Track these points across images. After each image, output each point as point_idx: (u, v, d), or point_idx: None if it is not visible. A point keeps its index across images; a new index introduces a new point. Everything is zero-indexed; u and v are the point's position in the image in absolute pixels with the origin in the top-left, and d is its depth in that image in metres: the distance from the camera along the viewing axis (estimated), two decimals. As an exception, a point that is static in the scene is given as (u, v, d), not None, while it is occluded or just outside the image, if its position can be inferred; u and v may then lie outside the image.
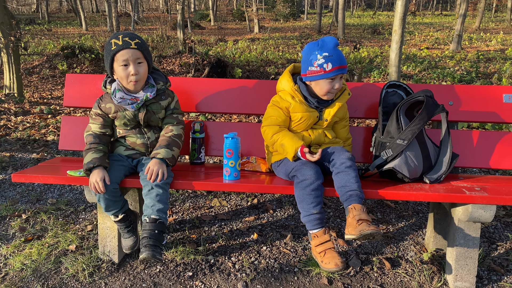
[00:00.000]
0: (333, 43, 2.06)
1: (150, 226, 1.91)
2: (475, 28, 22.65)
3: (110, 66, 2.07)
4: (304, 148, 2.01)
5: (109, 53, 2.03)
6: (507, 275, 2.26)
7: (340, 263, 1.87)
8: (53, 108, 5.84)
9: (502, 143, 2.33)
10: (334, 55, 2.04)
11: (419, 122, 2.07)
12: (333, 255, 1.91)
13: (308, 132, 2.20)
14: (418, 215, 2.98)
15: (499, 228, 2.78)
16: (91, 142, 2.09)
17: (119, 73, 2.06)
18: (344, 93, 2.20)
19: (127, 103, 2.10)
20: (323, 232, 1.97)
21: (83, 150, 2.11)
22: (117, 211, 2.09)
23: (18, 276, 2.21)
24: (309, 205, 1.95)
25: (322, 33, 20.98)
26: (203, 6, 43.38)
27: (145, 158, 2.17)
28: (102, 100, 2.18)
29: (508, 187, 2.08)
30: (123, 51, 2.01)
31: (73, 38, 17.54)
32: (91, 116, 2.20)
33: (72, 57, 10.81)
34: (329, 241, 1.96)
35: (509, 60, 11.46)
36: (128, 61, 2.03)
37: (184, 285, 2.17)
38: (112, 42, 2.03)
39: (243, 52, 13.36)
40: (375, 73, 9.78)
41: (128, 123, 2.16)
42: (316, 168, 2.02)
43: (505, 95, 2.37)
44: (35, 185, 3.43)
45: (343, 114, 2.28)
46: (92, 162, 1.97)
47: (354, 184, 1.91)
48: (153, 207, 1.93)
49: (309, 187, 1.94)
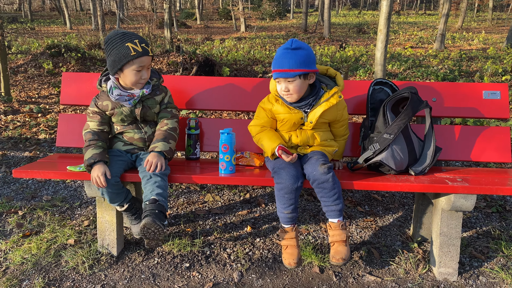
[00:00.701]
0: (285, 45, 2.08)
1: (150, 206, 1.95)
2: (457, 27, 23.08)
3: (120, 68, 2.09)
4: (279, 150, 2.12)
5: (126, 57, 2.05)
6: (487, 261, 2.39)
7: (293, 263, 2.03)
8: (43, 107, 5.84)
9: (482, 137, 2.47)
10: (276, 58, 2.09)
11: (405, 117, 2.18)
12: (292, 252, 2.06)
13: (296, 133, 2.27)
14: (404, 207, 3.11)
15: (480, 219, 2.92)
16: (90, 139, 2.15)
17: (130, 76, 2.11)
18: (333, 97, 2.17)
19: (124, 99, 2.18)
20: (291, 229, 2.11)
21: (83, 147, 2.17)
22: (121, 201, 2.20)
23: (19, 269, 2.27)
24: (282, 206, 2.08)
25: (308, 32, 21.14)
26: (189, 4, 43.24)
27: (143, 153, 2.25)
28: (98, 98, 2.25)
29: (487, 178, 2.21)
30: (142, 58, 2.08)
31: (58, 37, 17.36)
32: (88, 115, 2.26)
33: (57, 56, 10.74)
34: (293, 238, 2.09)
35: (490, 59, 11.75)
36: (143, 68, 2.11)
37: (182, 275, 2.25)
38: (129, 46, 2.04)
39: (230, 51, 13.42)
40: (361, 72, 9.94)
41: (125, 119, 2.23)
42: (294, 171, 2.07)
43: (485, 91, 2.50)
44: (29, 182, 3.47)
45: (334, 117, 2.26)
46: (92, 158, 2.04)
47: (328, 199, 2.04)
48: (152, 192, 2.01)
49: (283, 191, 2.04)
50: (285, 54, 2.06)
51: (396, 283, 2.21)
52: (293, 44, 2.06)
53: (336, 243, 2.04)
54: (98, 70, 9.80)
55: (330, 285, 2.18)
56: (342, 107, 2.28)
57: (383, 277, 2.26)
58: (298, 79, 2.08)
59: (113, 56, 2.07)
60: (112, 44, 2.07)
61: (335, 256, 2.00)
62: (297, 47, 2.05)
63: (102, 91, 2.26)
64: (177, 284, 2.17)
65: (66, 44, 11.18)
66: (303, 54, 2.06)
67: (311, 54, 2.09)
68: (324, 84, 2.26)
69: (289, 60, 2.04)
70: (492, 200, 3.19)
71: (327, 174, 2.01)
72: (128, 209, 2.25)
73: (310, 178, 2.06)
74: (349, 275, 2.27)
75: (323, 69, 2.30)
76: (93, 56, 10.95)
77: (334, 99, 2.17)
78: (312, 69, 2.09)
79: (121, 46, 2.05)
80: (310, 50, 2.11)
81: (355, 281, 2.22)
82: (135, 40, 2.06)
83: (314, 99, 2.19)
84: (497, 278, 2.24)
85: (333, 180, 2.03)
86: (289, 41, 2.08)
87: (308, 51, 2.08)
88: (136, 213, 2.30)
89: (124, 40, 2.05)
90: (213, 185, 3.45)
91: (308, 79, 2.13)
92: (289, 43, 2.07)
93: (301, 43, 2.09)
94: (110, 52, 2.08)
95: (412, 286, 2.18)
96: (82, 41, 13.90)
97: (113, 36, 2.08)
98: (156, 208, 1.94)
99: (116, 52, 2.06)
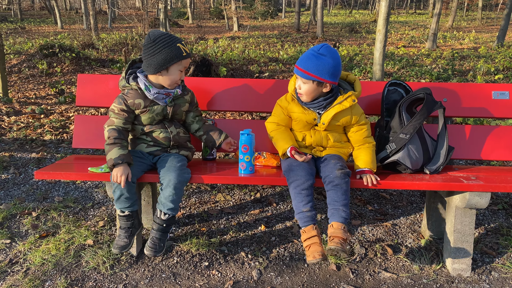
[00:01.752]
0: (315, 47, 2.13)
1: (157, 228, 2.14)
2: (448, 26, 23.35)
3: (168, 65, 2.15)
4: (292, 150, 2.17)
5: (178, 56, 2.13)
6: (498, 257, 2.47)
7: (318, 256, 1.90)
8: (44, 107, 5.82)
9: (492, 136, 2.54)
10: (302, 55, 2.16)
11: (420, 117, 2.24)
12: (316, 249, 1.95)
13: (310, 133, 2.32)
14: (412, 205, 3.17)
15: (487, 216, 3.00)
16: (115, 137, 2.15)
17: (174, 76, 2.18)
18: (347, 100, 2.19)
19: (161, 97, 2.23)
20: (311, 228, 2.03)
21: (105, 144, 2.16)
22: (126, 207, 2.15)
23: (40, 270, 2.29)
24: (300, 203, 2.05)
25: (301, 32, 21.22)
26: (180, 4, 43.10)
27: (166, 155, 2.28)
28: (127, 96, 2.22)
29: (499, 176, 2.28)
30: (188, 59, 2.20)
31: (49, 37, 17.22)
32: (113, 111, 2.22)
33: (52, 56, 10.67)
34: (315, 236, 1.99)
35: (482, 58, 11.93)
36: (185, 68, 2.21)
37: (202, 274, 2.28)
38: (180, 47, 2.14)
39: (225, 51, 13.44)
40: (356, 71, 10.03)
41: (155, 117, 2.27)
42: (308, 169, 2.11)
43: (494, 92, 2.57)
44: (39, 183, 3.47)
45: (347, 121, 2.26)
46: (120, 158, 2.06)
47: (338, 202, 2.03)
48: (166, 199, 2.10)
49: (299, 187, 2.05)
50: (310, 55, 2.11)
51: (411, 279, 2.26)
52: (321, 50, 2.09)
53: (336, 238, 1.96)
54: (93, 70, 9.77)
55: (347, 282, 2.23)
56: (357, 112, 2.28)
57: (398, 273, 2.31)
58: (311, 84, 2.13)
59: (164, 54, 2.12)
60: (162, 43, 2.11)
61: (334, 245, 1.94)
62: (323, 53, 2.08)
63: (131, 89, 2.24)
64: (198, 283, 2.21)
65: (60, 44, 11.11)
66: (326, 62, 2.07)
67: (336, 66, 2.09)
68: (342, 88, 2.30)
69: (310, 64, 2.09)
70: (498, 197, 3.27)
71: (343, 179, 2.05)
72: (126, 219, 2.18)
73: (325, 180, 2.09)
74: (365, 272, 2.32)
75: (343, 74, 2.33)
76: (87, 56, 10.90)
77: (348, 102, 2.20)
78: (329, 80, 2.11)
79: (173, 46, 2.13)
80: (337, 62, 2.10)
81: (372, 278, 2.27)
82: (182, 41, 2.18)
83: (329, 101, 2.22)
84: (509, 273, 2.31)
85: (346, 186, 2.05)
86: (320, 45, 2.12)
87: (333, 62, 2.08)
88: (130, 228, 2.19)
89: (174, 41, 2.14)
90: (223, 185, 3.49)
91: (323, 87, 2.16)
92: (318, 47, 2.10)
93: (330, 51, 2.09)
94: (160, 51, 2.11)
95: (427, 282, 2.24)
96: (75, 41, 13.81)
97: (161, 35, 2.12)
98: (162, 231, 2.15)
99: (168, 51, 2.11)
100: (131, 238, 2.19)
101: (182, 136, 2.37)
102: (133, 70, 2.31)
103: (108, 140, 2.16)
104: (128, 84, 2.24)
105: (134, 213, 2.20)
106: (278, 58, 12.18)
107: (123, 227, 2.18)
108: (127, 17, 21.80)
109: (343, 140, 2.35)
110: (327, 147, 2.31)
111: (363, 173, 2.16)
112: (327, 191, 2.10)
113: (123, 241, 2.16)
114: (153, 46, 2.12)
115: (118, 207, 2.16)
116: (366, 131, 2.30)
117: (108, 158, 2.09)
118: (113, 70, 9.65)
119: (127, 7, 33.98)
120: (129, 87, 2.24)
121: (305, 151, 2.30)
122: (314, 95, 2.20)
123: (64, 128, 5.00)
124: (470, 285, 2.21)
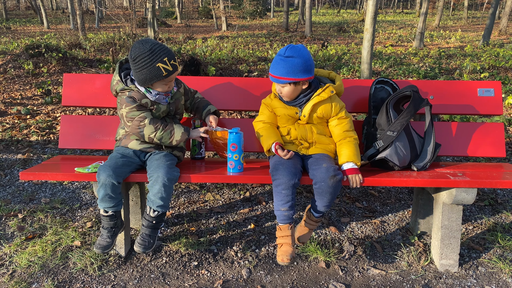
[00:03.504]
0: (280, 51, 2.15)
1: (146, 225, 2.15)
2: (435, 26, 23.59)
3: (150, 84, 2.18)
4: (276, 145, 2.21)
5: (158, 77, 2.12)
6: (485, 252, 2.50)
7: (286, 260, 2.01)
8: (30, 108, 5.74)
9: (478, 133, 2.57)
10: (272, 63, 2.19)
11: (407, 115, 2.26)
12: (286, 250, 2.05)
13: (294, 126, 2.33)
14: (400, 202, 3.20)
15: (474, 212, 3.04)
16: (161, 123, 2.22)
17: (161, 88, 2.23)
18: (325, 91, 2.23)
19: (162, 98, 2.26)
20: (287, 227, 2.10)
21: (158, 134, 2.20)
22: (110, 206, 2.11)
23: (27, 272, 2.26)
24: (279, 202, 2.09)
25: (290, 31, 21.26)
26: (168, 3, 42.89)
27: (157, 152, 2.26)
28: (135, 97, 2.20)
29: (485, 172, 2.31)
30: (172, 75, 2.17)
31: (35, 37, 17.01)
32: (132, 111, 2.19)
33: (38, 56, 10.53)
34: (288, 236, 2.09)
35: (468, 57, 12.07)
36: (170, 82, 2.22)
37: (191, 274, 2.27)
38: (160, 67, 2.09)
39: (213, 50, 13.40)
40: (344, 70, 10.07)
41: (160, 115, 2.31)
42: (292, 169, 2.11)
43: (479, 89, 2.60)
44: (25, 185, 3.42)
45: (327, 111, 2.27)
46: (186, 130, 2.25)
47: (323, 203, 2.12)
48: (156, 195, 2.08)
49: (280, 186, 2.07)
50: (278, 61, 2.14)
51: (400, 275, 2.28)
52: (286, 52, 2.11)
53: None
54: (80, 70, 9.66)
55: (337, 279, 2.24)
56: (337, 104, 2.28)
57: (387, 270, 2.33)
58: (289, 86, 2.18)
59: (144, 75, 2.11)
60: (142, 63, 2.08)
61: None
62: (290, 56, 2.10)
63: (132, 91, 2.22)
64: (187, 283, 2.20)
65: (46, 44, 10.97)
66: (295, 63, 2.10)
67: (305, 62, 2.11)
68: (323, 83, 2.33)
69: (281, 68, 2.13)
70: (484, 193, 3.31)
71: (336, 187, 2.06)
72: (109, 219, 2.14)
73: (317, 185, 2.08)
74: (355, 269, 2.34)
75: (325, 73, 2.39)
76: (74, 56, 10.78)
77: (326, 93, 2.24)
78: (303, 77, 2.14)
79: (152, 67, 2.08)
80: (306, 58, 2.12)
81: (361, 275, 2.28)
82: (164, 58, 2.09)
83: (308, 97, 2.26)
84: (496, 268, 2.34)
85: (336, 191, 2.09)
86: (285, 47, 2.14)
87: (302, 60, 2.10)
88: (112, 228, 2.16)
89: (153, 60, 2.07)
90: (212, 184, 3.48)
91: (301, 85, 2.20)
92: (283, 50, 2.13)
93: (296, 50, 2.11)
94: (140, 71, 2.10)
95: (415, 278, 2.25)
96: (62, 41, 13.65)
97: (141, 54, 2.06)
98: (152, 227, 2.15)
99: (146, 72, 2.10)
100: (113, 238, 2.17)
101: None
102: (127, 72, 2.30)
103: (156, 130, 2.20)
104: (127, 87, 2.22)
105: (117, 213, 2.18)
106: (267, 57, 12.18)
107: (105, 227, 2.16)
108: (115, 17, 21.62)
109: (327, 133, 2.34)
110: (312, 142, 2.30)
111: (347, 173, 2.15)
112: (315, 191, 2.11)
113: (105, 241, 2.14)
114: (134, 64, 2.11)
115: (101, 207, 2.12)
116: (347, 125, 2.29)
117: (179, 136, 2.22)
118: (100, 70, 9.56)
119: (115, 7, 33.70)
120: (129, 89, 2.22)
121: (291, 147, 2.30)
122: (296, 94, 2.25)
123: (51, 128, 4.94)
124: (458, 280, 2.24)
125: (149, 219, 2.13)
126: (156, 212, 2.11)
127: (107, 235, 2.15)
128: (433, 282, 2.22)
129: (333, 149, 2.32)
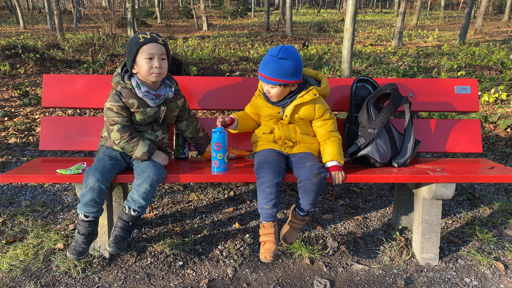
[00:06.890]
0: (273, 51, 2.14)
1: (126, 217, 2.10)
2: (413, 25, 23.99)
3: (133, 58, 2.16)
4: (228, 117, 2.34)
5: (136, 45, 2.13)
6: (464, 245, 2.56)
7: (269, 257, 2.06)
8: (8, 110, 5.62)
9: (456, 130, 2.64)
10: (262, 62, 2.19)
11: (387, 112, 2.30)
12: (269, 247, 2.10)
13: (278, 125, 2.35)
14: (381, 199, 3.25)
15: (453, 206, 3.11)
16: (129, 134, 2.17)
17: (143, 66, 2.14)
18: (308, 94, 2.24)
19: (150, 97, 2.21)
20: (270, 225, 2.13)
21: (121, 143, 2.16)
22: (92, 212, 2.06)
23: (8, 276, 2.22)
24: (263, 200, 2.12)
25: (271, 31, 21.32)
26: (148, 3, 42.50)
27: None
28: (122, 95, 2.18)
29: (463, 167, 2.37)
30: (151, 44, 2.13)
31: (11, 37, 16.64)
32: (111, 110, 2.17)
33: (14, 57, 10.32)
34: (271, 234, 2.12)
35: (445, 56, 12.32)
36: (153, 55, 2.14)
37: (177, 274, 2.27)
38: (139, 36, 2.15)
39: (194, 50, 13.35)
40: (325, 69, 10.17)
41: (146, 120, 2.25)
42: (276, 167, 2.13)
43: (457, 86, 2.67)
44: (4, 188, 3.36)
45: (309, 114, 2.29)
46: (150, 147, 2.20)
47: (307, 201, 2.15)
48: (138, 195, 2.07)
49: (264, 185, 2.10)
50: (270, 61, 2.13)
51: (382, 270, 2.33)
52: (280, 53, 2.11)
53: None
54: (58, 71, 9.50)
55: (321, 275, 2.27)
56: (321, 106, 2.29)
57: (370, 265, 2.37)
58: (279, 87, 2.18)
59: (128, 48, 2.18)
60: (129, 41, 2.19)
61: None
62: (283, 57, 2.10)
63: (125, 88, 2.19)
64: (172, 283, 2.20)
65: (23, 44, 10.75)
66: (287, 65, 2.11)
67: (296, 65, 2.14)
68: (309, 84, 2.34)
69: (273, 70, 2.12)
70: (462, 188, 3.40)
71: (320, 185, 2.09)
72: (90, 224, 2.07)
73: (301, 184, 2.11)
74: (338, 264, 2.37)
75: (312, 73, 2.41)
76: (52, 57, 10.60)
77: (309, 96, 2.24)
78: (293, 80, 2.16)
79: (134, 38, 2.17)
80: (298, 61, 2.14)
81: (345, 270, 2.32)
82: (147, 32, 2.18)
83: (293, 99, 2.26)
84: (474, 260, 2.41)
85: (320, 188, 2.11)
86: (278, 48, 2.13)
87: (294, 62, 2.12)
88: (89, 234, 2.08)
89: (137, 34, 2.18)
90: (196, 184, 3.47)
91: (290, 87, 2.22)
92: (276, 51, 2.12)
93: (289, 53, 2.12)
94: (127, 49, 2.19)
95: (397, 272, 2.30)
96: (39, 41, 13.39)
97: (132, 36, 2.20)
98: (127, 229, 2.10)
99: (129, 44, 2.17)
100: (89, 244, 2.09)
101: (165, 142, 2.36)
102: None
103: (121, 140, 2.16)
104: (123, 81, 2.20)
105: (97, 219, 2.12)
106: (248, 57, 12.20)
107: (82, 232, 2.06)
108: (94, 17, 21.32)
109: (310, 133, 2.36)
110: (296, 141, 2.32)
111: (330, 170, 2.18)
112: (299, 189, 2.14)
113: (81, 247, 2.05)
114: (126, 48, 2.20)
115: (82, 211, 2.04)
116: (331, 126, 2.31)
117: (139, 154, 2.17)
118: (80, 70, 9.42)
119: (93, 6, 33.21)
120: (123, 84, 2.20)
121: (275, 146, 2.32)
122: (284, 95, 2.25)
123: (30, 130, 4.85)
124: (438, 273, 2.29)
125: (126, 220, 2.08)
126: (136, 212, 2.07)
127: (82, 241, 2.06)
128: (415, 276, 2.27)
129: (317, 148, 2.35)
